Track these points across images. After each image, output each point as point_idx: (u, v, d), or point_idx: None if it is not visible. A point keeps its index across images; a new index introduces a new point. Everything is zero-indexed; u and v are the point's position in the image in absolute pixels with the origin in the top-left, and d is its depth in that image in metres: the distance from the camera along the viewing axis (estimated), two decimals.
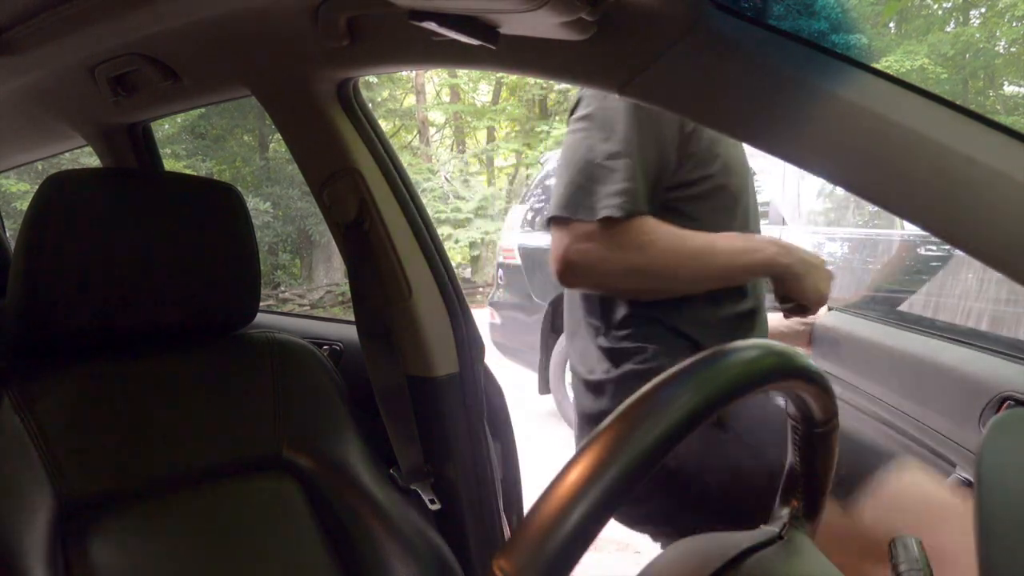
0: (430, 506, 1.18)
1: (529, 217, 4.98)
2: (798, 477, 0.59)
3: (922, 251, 3.74)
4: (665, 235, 1.06)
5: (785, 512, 0.57)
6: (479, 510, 1.23)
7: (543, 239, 4.89)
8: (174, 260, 0.93)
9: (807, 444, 0.58)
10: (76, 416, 0.86)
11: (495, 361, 1.86)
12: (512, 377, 3.97)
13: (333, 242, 1.58)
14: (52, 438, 0.83)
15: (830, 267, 1.23)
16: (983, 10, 9.30)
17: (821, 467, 0.60)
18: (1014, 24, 8.87)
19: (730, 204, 1.17)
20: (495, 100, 12.52)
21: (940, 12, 9.75)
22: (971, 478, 0.92)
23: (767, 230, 3.98)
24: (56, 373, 0.88)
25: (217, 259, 0.96)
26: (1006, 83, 9.91)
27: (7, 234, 2.26)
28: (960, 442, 1.19)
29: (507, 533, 1.26)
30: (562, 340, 4.67)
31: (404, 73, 11.12)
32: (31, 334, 0.88)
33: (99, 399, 0.91)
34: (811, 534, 0.58)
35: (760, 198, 4.48)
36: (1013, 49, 9.29)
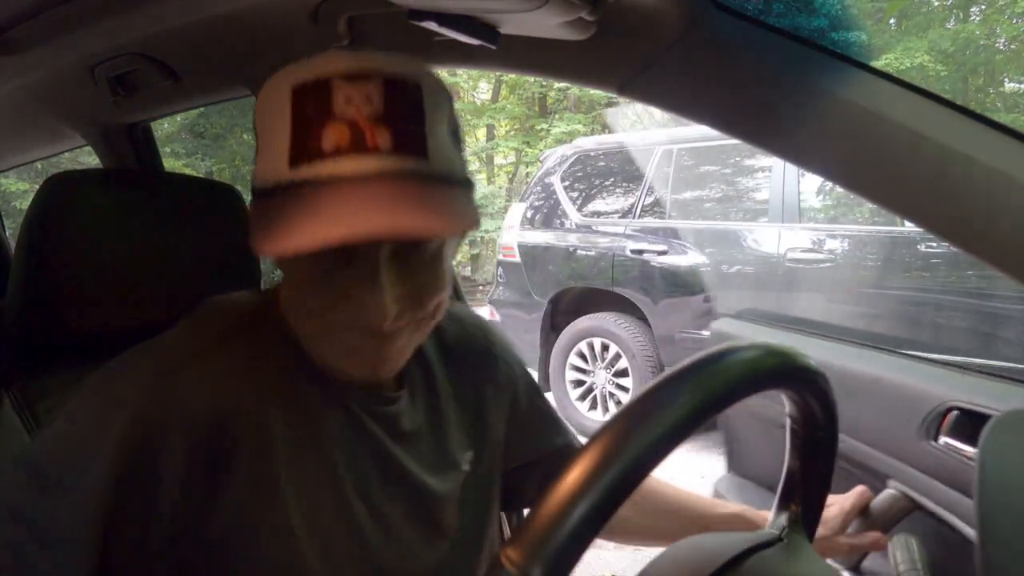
0: None
1: (529, 215, 4.99)
2: (798, 479, 0.59)
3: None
4: None
5: (784, 514, 0.58)
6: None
7: (542, 237, 4.90)
8: (174, 260, 0.93)
9: (807, 446, 0.58)
10: None
11: None
12: None
13: None
14: None
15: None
16: (983, 7, 9.29)
17: (821, 469, 0.60)
18: (1014, 21, 8.86)
19: None
20: (495, 98, 12.51)
21: (940, 9, 9.75)
22: (908, 491, 0.88)
23: (767, 229, 4.00)
24: (56, 373, 0.88)
25: (217, 259, 0.96)
26: (1006, 80, 9.91)
27: (7, 234, 2.26)
28: (895, 454, 1.16)
29: (507, 527, 1.26)
30: (562, 338, 4.68)
31: None
32: (31, 334, 0.88)
33: None
34: (810, 536, 0.58)
35: (760, 196, 4.42)
36: (1013, 46, 9.29)
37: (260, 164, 0.63)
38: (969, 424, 1.06)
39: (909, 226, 3.55)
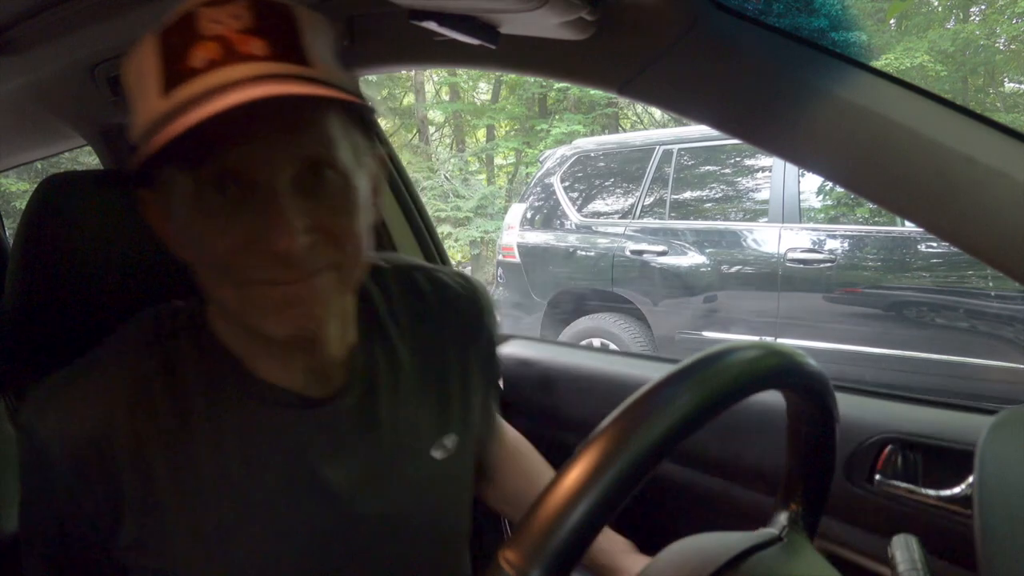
0: None
1: (529, 216, 4.99)
2: (798, 479, 0.59)
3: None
4: None
5: (784, 513, 0.58)
6: (480, 504, 1.23)
7: (542, 237, 4.90)
8: (173, 260, 0.93)
9: (807, 445, 0.58)
10: None
11: None
12: None
13: None
14: None
15: None
16: (983, 7, 9.30)
17: (821, 468, 0.60)
18: (1014, 21, 8.87)
19: None
20: (495, 98, 12.51)
21: (940, 9, 9.75)
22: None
23: (767, 230, 3.99)
24: (54, 374, 0.88)
25: None
26: (1006, 80, 9.91)
27: (7, 234, 2.26)
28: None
29: (507, 527, 1.26)
30: (561, 338, 4.68)
31: (404, 72, 11.12)
32: (29, 336, 0.88)
33: None
34: (811, 536, 0.58)
35: (760, 196, 4.42)
36: (1013, 46, 9.29)
37: (135, 121, 0.60)
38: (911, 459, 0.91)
39: (909, 226, 3.56)
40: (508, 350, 1.42)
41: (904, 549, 0.52)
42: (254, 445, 0.67)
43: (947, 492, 0.86)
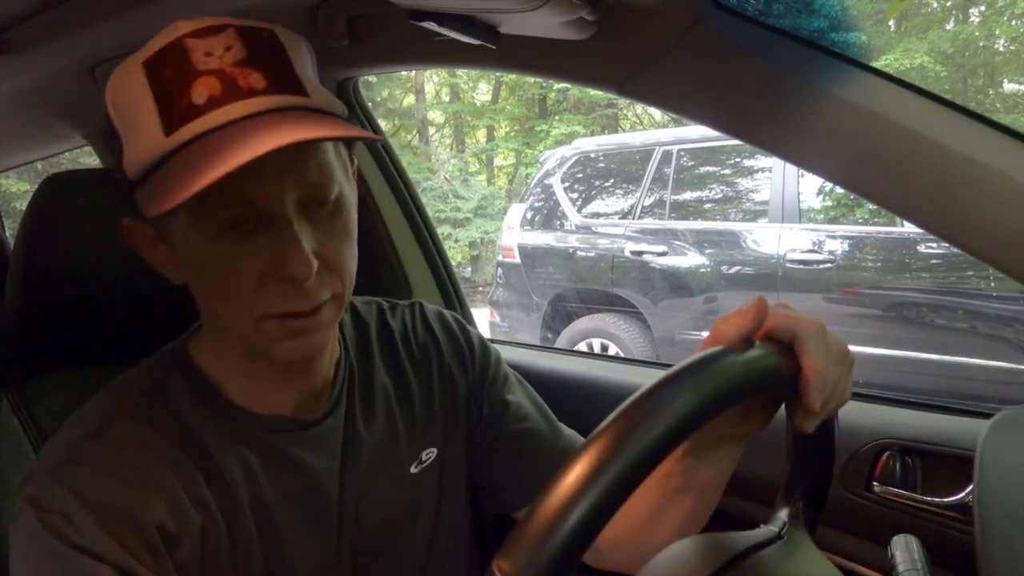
0: None
1: (528, 216, 4.99)
2: (798, 477, 0.59)
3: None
4: None
5: (785, 512, 0.57)
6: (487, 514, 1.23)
7: (542, 238, 4.90)
8: None
9: (807, 444, 0.58)
10: None
11: None
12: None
13: None
14: None
15: None
16: (983, 8, 9.30)
17: (821, 467, 0.60)
18: (1014, 22, 8.87)
19: None
20: (495, 99, 12.51)
21: (940, 10, 9.75)
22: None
23: (767, 230, 3.99)
24: (55, 374, 0.87)
25: None
26: (1006, 81, 9.91)
27: (7, 234, 2.26)
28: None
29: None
30: (561, 339, 4.68)
31: (404, 73, 11.11)
32: (30, 335, 0.88)
33: None
34: (811, 534, 0.58)
35: (760, 197, 4.42)
36: (1013, 47, 9.29)
37: (128, 154, 0.59)
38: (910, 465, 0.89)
39: (909, 227, 3.55)
40: None
41: (904, 549, 0.52)
42: (268, 473, 0.69)
43: (946, 499, 0.85)
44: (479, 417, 0.84)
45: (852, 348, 0.58)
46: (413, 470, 0.78)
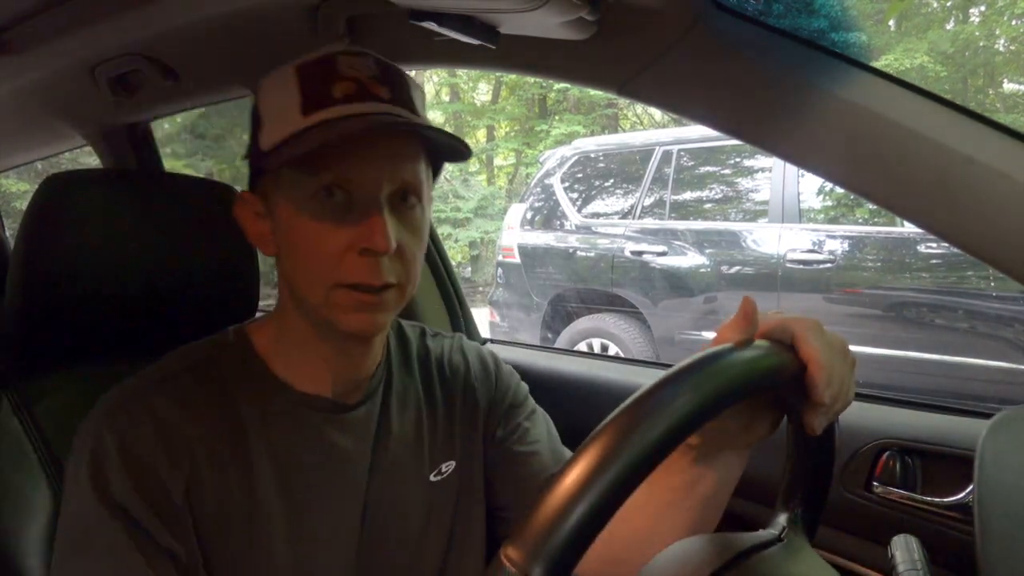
0: None
1: (529, 216, 4.99)
2: (797, 480, 0.59)
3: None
4: None
5: (784, 516, 0.57)
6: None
7: (542, 238, 4.90)
8: (173, 260, 0.93)
9: (807, 446, 0.58)
10: (75, 418, 0.86)
11: None
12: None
13: None
14: (51, 440, 0.83)
15: None
16: (983, 8, 9.30)
17: (821, 470, 0.60)
18: (1014, 22, 8.87)
19: None
20: (495, 99, 12.51)
21: (940, 10, 9.75)
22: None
23: (767, 230, 3.99)
24: (55, 374, 0.87)
25: (217, 259, 0.96)
26: (1006, 81, 9.91)
27: (7, 234, 2.26)
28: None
29: None
30: (561, 339, 4.68)
31: None
32: (30, 335, 0.88)
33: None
34: (810, 537, 0.58)
35: (760, 197, 4.41)
36: (1013, 47, 9.29)
37: (265, 132, 0.70)
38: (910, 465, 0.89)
39: (909, 226, 3.55)
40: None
41: (904, 549, 0.52)
42: (299, 446, 0.74)
43: (946, 499, 0.85)
44: (493, 437, 0.87)
45: (852, 348, 0.58)
46: (432, 478, 0.82)
